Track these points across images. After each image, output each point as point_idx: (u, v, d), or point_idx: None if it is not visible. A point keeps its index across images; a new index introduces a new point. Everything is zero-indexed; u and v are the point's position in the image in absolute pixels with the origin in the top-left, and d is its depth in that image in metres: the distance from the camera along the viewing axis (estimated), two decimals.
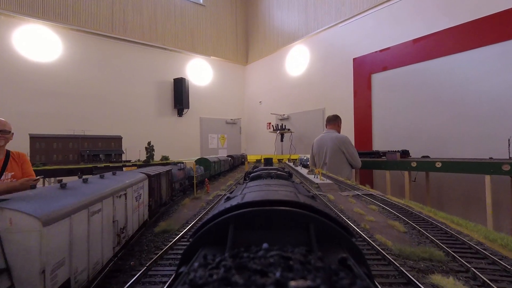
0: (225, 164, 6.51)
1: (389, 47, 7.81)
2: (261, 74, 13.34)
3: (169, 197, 2.89)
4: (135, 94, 10.40)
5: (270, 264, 0.33)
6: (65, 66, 9.00)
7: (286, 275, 0.30)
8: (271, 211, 0.64)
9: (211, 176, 5.14)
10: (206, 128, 12.78)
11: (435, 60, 6.81)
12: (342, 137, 6.26)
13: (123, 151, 8.21)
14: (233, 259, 0.36)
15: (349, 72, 8.85)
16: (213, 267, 0.34)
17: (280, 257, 0.35)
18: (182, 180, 3.50)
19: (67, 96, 8.92)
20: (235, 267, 0.33)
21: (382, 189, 6.47)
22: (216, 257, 0.38)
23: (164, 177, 2.72)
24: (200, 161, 5.06)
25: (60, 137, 7.10)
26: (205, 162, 5.04)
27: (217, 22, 12.98)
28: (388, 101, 7.85)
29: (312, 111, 10.42)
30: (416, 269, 1.43)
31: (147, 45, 10.79)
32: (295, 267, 0.32)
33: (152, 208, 2.32)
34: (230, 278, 0.31)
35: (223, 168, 6.17)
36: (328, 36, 9.82)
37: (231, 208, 0.67)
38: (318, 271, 0.32)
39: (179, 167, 3.45)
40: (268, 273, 0.31)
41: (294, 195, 0.78)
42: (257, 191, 0.86)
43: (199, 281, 0.31)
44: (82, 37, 9.33)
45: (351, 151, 6.13)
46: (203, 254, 0.50)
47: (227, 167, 6.71)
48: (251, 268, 0.33)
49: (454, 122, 6.43)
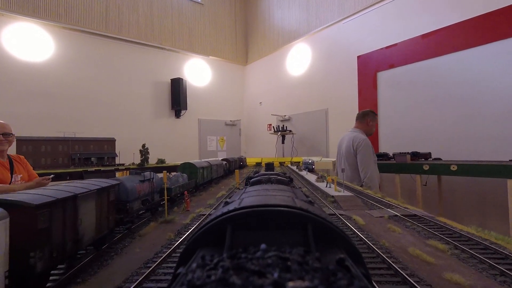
0: (219, 170, 5.65)
1: (396, 44, 7.42)
2: (261, 74, 12.97)
3: (109, 229, 1.87)
4: (130, 95, 10.03)
5: (268, 264, 0.34)
6: (57, 66, 8.65)
7: (284, 276, 0.31)
8: (269, 211, 0.65)
9: (199, 186, 4.30)
10: (204, 130, 12.40)
11: (445, 57, 6.42)
12: (358, 138, 4.98)
13: (117, 154, 7.82)
14: (231, 260, 0.36)
15: (353, 70, 8.46)
16: (211, 268, 0.34)
17: (278, 258, 0.35)
18: (147, 196, 2.57)
19: (58, 97, 8.56)
20: (233, 268, 0.33)
21: (390, 193, 6.05)
22: (214, 258, 0.38)
23: (95, 199, 1.67)
24: (184, 167, 4.15)
25: (49, 140, 6.73)
26: (190, 168, 4.13)
27: (215, 20, 12.63)
28: (395, 100, 7.45)
29: (314, 112, 10.02)
30: None
31: (143, 44, 10.44)
32: (293, 268, 0.33)
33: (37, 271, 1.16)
34: (228, 278, 0.31)
35: (215, 174, 5.29)
36: (330, 33, 9.44)
37: (228, 213, 0.67)
38: (316, 271, 0.32)
39: (142, 178, 2.49)
40: (266, 274, 0.31)
41: (291, 199, 0.78)
42: (254, 196, 0.87)
43: (197, 281, 0.31)
44: (74, 36, 8.99)
45: (363, 157, 4.84)
46: (201, 255, 0.45)
47: (222, 172, 5.88)
48: (249, 269, 0.33)
49: (466, 122, 6.02)
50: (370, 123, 5.25)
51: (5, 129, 3.19)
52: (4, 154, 3.25)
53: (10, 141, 3.23)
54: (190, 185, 3.78)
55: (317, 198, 3.39)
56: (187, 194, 3.03)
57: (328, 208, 2.80)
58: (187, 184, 3.68)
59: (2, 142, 3.14)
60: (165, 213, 2.56)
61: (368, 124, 5.24)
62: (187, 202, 2.95)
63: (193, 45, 11.85)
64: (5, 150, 3.20)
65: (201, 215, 2.63)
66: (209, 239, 0.65)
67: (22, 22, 8.15)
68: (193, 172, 4.10)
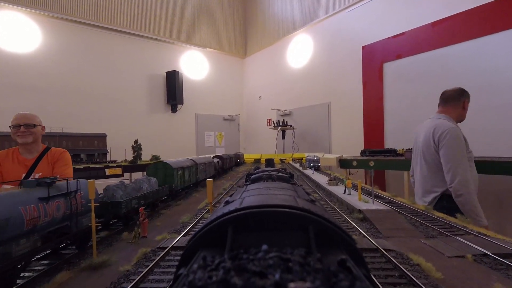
0: (208, 169, 4.74)
1: (404, 32, 6.96)
2: (261, 67, 12.50)
3: None
4: (123, 88, 9.56)
5: (269, 265, 0.34)
6: (44, 58, 8.17)
7: (285, 277, 0.30)
8: (270, 212, 0.64)
9: (178, 192, 3.40)
10: (202, 125, 11.97)
11: (458, 45, 5.98)
12: (442, 126, 3.48)
13: (108, 150, 7.41)
14: (232, 261, 0.36)
15: (358, 61, 8.01)
16: (212, 269, 0.34)
17: (279, 259, 0.35)
18: (60, 223, 1.61)
19: (44, 90, 8.10)
20: (234, 269, 0.33)
21: (397, 191, 5.66)
22: (215, 259, 0.37)
23: None
24: (156, 169, 3.23)
25: None
26: (164, 169, 3.21)
27: (213, 10, 12.10)
28: (402, 93, 7.02)
29: (316, 106, 9.59)
30: None
31: (137, 35, 9.94)
32: (294, 269, 0.33)
33: None
34: (229, 279, 0.31)
35: (203, 175, 4.38)
36: (334, 23, 8.96)
37: (230, 213, 0.67)
38: (317, 272, 0.32)
39: (48, 194, 1.52)
40: (267, 275, 0.31)
41: (293, 199, 0.77)
42: (256, 195, 0.86)
43: (198, 282, 0.31)
44: (62, 25, 8.49)
45: (449, 153, 3.35)
46: (202, 256, 0.44)
47: (212, 172, 5.05)
48: (250, 270, 0.33)
49: (481, 115, 5.59)
50: (466, 105, 3.75)
51: (27, 120, 2.80)
52: (32, 148, 2.87)
53: (34, 132, 2.82)
54: (158, 195, 2.86)
55: (335, 212, 2.52)
56: (143, 212, 2.08)
57: (358, 234, 1.90)
58: (152, 194, 2.71)
59: (24, 134, 2.76)
60: (93, 250, 1.59)
61: (464, 107, 3.74)
62: (144, 225, 2.06)
63: (189, 36, 11.34)
64: (30, 143, 2.81)
65: (161, 248, 1.73)
66: (210, 240, 0.65)
67: (6, 11, 7.65)
68: (169, 175, 3.21)
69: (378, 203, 2.60)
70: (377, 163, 5.88)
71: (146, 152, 7.53)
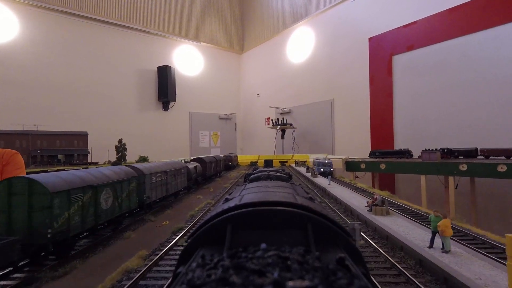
0: (174, 181, 3.41)
1: (416, 21, 6.35)
2: (259, 63, 11.87)
3: None
4: (109, 83, 8.89)
5: (268, 264, 0.36)
6: (21, 50, 7.49)
7: (284, 275, 0.32)
8: (269, 211, 0.69)
9: (73, 240, 2.25)
10: (196, 124, 11.32)
11: (479, 34, 5.38)
12: None
13: (89, 150, 6.72)
14: (231, 259, 0.38)
15: (364, 54, 7.39)
16: (211, 267, 0.37)
17: (278, 257, 0.37)
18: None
19: (21, 83, 7.42)
20: (233, 267, 0.35)
21: (408, 196, 5.02)
22: (214, 257, 0.40)
23: None
24: (8, 193, 2.02)
25: (2, 133, 5.62)
26: (26, 195, 2.07)
27: (208, 3, 11.45)
28: (414, 87, 6.39)
29: (318, 103, 8.96)
30: None
31: (125, 27, 9.27)
32: (293, 267, 0.35)
33: None
34: (228, 278, 0.33)
35: (158, 192, 3.14)
36: (337, 13, 8.34)
37: (229, 210, 0.71)
38: (316, 271, 0.34)
39: None
40: (266, 273, 0.33)
41: (292, 196, 0.84)
42: (255, 193, 0.95)
43: (197, 281, 0.33)
44: (44, 14, 7.81)
45: None
46: (201, 254, 0.49)
47: (184, 183, 3.90)
48: (249, 268, 0.34)
49: (506, 110, 4.96)
50: None
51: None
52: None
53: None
54: None
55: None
56: None
57: None
58: None
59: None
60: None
61: None
62: None
63: (182, 29, 10.68)
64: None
65: None
66: (209, 238, 0.69)
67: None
68: (37, 208, 1.94)
69: None
70: (389, 165, 5.23)
71: (133, 153, 6.87)
